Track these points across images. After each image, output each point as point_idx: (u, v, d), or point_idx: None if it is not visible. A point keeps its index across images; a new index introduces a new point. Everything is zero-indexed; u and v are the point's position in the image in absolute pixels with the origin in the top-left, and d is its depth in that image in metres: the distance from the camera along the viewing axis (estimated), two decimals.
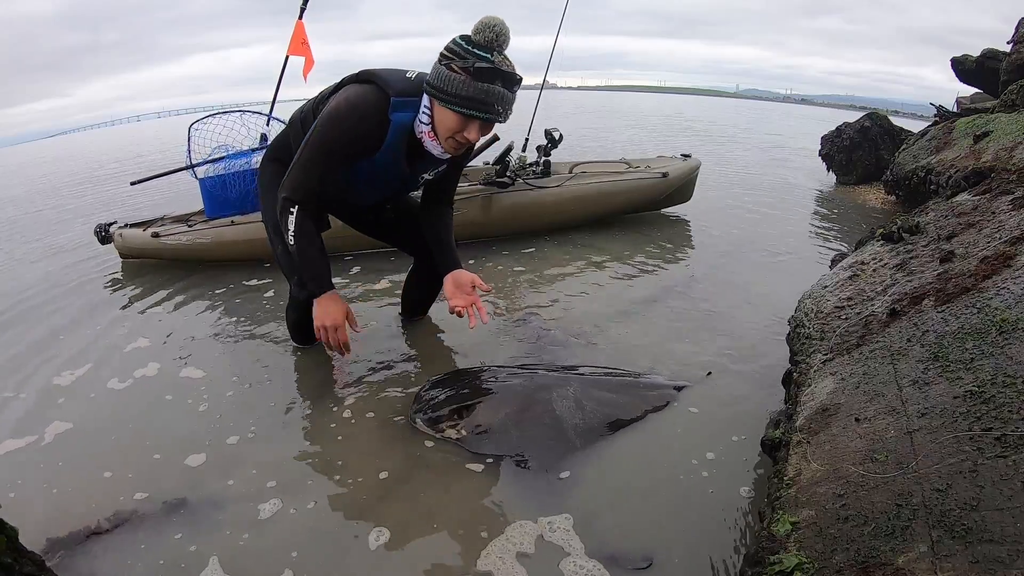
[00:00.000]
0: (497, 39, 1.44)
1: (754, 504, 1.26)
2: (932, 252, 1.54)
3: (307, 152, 1.55)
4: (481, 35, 1.44)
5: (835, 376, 1.22)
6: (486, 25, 1.43)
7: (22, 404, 1.75)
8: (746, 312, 2.31)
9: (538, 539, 1.19)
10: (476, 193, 3.18)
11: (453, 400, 1.58)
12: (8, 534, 0.85)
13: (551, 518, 1.23)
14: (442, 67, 1.46)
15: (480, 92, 1.43)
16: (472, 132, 1.51)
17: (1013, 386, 0.89)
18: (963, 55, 5.41)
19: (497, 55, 1.45)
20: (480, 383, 1.67)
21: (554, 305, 2.40)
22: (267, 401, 1.73)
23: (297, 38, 3.47)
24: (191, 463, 1.45)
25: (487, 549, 1.16)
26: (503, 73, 1.44)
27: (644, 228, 3.61)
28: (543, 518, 1.24)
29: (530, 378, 1.68)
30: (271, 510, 1.28)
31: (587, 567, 1.11)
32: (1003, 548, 0.67)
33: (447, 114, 1.48)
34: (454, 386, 1.65)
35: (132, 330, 2.26)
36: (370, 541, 1.19)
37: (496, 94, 1.45)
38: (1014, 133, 2.84)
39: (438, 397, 1.61)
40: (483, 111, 1.46)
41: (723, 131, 11.81)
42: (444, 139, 1.54)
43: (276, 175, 1.70)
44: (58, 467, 1.45)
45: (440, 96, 1.47)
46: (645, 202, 3.70)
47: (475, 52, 1.43)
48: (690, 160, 3.89)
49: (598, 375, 1.76)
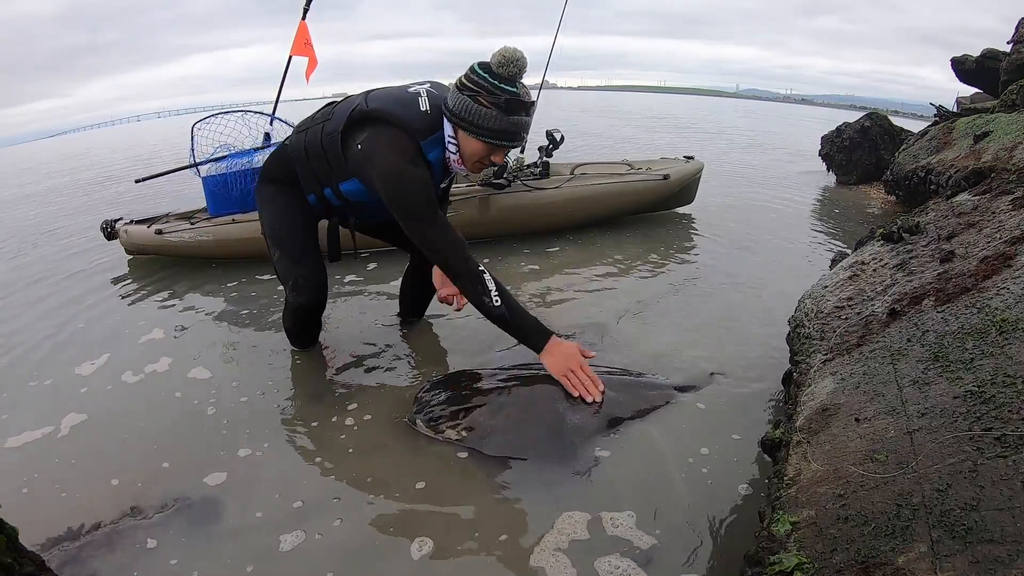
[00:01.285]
0: (520, 73, 1.53)
1: (754, 504, 1.26)
2: (932, 252, 1.54)
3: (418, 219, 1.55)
4: (504, 69, 1.50)
5: (835, 376, 1.22)
6: (508, 59, 1.49)
7: (40, 394, 1.83)
8: (748, 312, 2.31)
9: (540, 541, 1.19)
10: (473, 194, 3.19)
11: (454, 401, 1.58)
12: (8, 534, 0.85)
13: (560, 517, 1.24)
14: (467, 99, 1.52)
15: (511, 125, 1.53)
16: (499, 156, 1.62)
17: (1013, 386, 0.89)
18: (963, 55, 5.41)
19: (521, 87, 1.54)
20: (481, 383, 1.66)
21: (556, 305, 2.41)
22: (272, 405, 1.72)
23: (300, 38, 3.47)
24: (204, 477, 1.42)
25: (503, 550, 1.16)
26: (526, 104, 1.54)
27: (645, 228, 3.60)
28: (549, 519, 1.24)
29: (532, 378, 1.67)
30: (293, 541, 1.20)
31: (621, 566, 1.11)
32: (1003, 548, 0.67)
33: (474, 143, 1.57)
34: (455, 387, 1.64)
35: (148, 322, 2.36)
36: (412, 552, 1.17)
37: (523, 124, 1.56)
38: (1014, 133, 2.84)
39: (438, 398, 1.60)
40: (513, 140, 1.57)
41: (723, 131, 11.80)
42: (471, 163, 1.63)
43: (272, 198, 1.81)
44: (69, 466, 1.47)
45: (471, 130, 1.54)
46: (646, 204, 3.67)
47: (503, 88, 1.51)
48: (693, 162, 3.86)
49: (601, 375, 1.75)
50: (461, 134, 1.57)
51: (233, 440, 1.55)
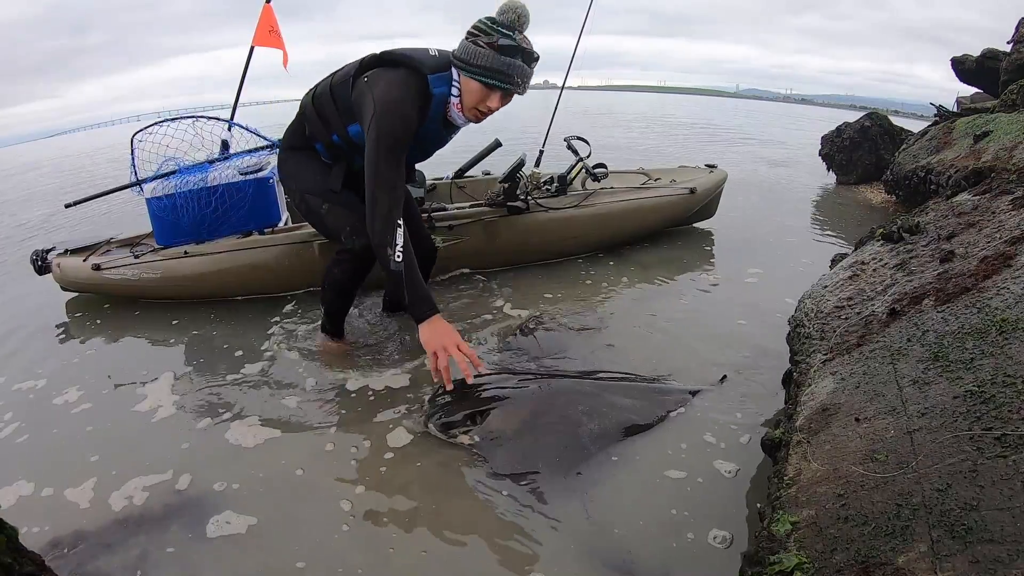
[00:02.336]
0: (519, 20, 1.61)
1: (754, 504, 1.26)
2: (932, 252, 1.53)
3: (380, 151, 1.58)
4: (504, 16, 1.61)
5: (835, 376, 1.22)
6: (509, 7, 1.60)
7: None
8: (748, 313, 2.31)
9: (547, 542, 1.19)
10: (481, 216, 2.69)
11: (466, 405, 1.57)
12: (8, 534, 0.85)
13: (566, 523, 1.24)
14: (469, 42, 1.62)
15: (503, 64, 1.60)
16: (495, 101, 1.67)
17: (1013, 386, 0.89)
18: (963, 55, 5.41)
19: (518, 34, 1.61)
20: (494, 388, 1.65)
21: (567, 311, 2.39)
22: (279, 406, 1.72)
23: (264, 25, 2.90)
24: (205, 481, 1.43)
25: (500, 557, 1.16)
26: (523, 50, 1.61)
27: (642, 236, 3.55)
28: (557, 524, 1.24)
29: (544, 383, 1.67)
30: (298, 541, 1.23)
31: (622, 566, 1.12)
32: (1003, 548, 0.67)
33: (472, 84, 1.64)
34: (467, 391, 1.63)
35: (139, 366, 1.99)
36: (414, 553, 1.17)
37: (516, 67, 1.61)
38: (1014, 133, 2.84)
39: (450, 402, 1.60)
40: (505, 81, 1.62)
41: (723, 130, 11.80)
42: (468, 108, 1.69)
43: (301, 162, 1.88)
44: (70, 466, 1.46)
45: (467, 68, 1.62)
46: (670, 221, 3.29)
47: (499, 29, 1.60)
48: (716, 171, 3.48)
49: (612, 380, 1.75)
50: (462, 77, 1.65)
51: (235, 440, 1.56)
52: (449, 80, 1.67)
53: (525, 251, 2.86)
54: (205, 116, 2.56)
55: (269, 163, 2.50)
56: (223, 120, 2.63)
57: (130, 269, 2.41)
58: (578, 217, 2.91)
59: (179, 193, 2.35)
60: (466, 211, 2.69)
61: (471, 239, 2.66)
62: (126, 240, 2.66)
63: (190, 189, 2.35)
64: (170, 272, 2.42)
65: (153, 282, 2.42)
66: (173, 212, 2.37)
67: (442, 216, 2.63)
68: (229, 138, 2.61)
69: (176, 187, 2.36)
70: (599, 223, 2.98)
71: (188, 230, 2.41)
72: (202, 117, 2.55)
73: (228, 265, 2.42)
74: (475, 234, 2.68)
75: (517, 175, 2.72)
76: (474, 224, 2.67)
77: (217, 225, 2.42)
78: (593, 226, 2.97)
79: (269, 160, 2.52)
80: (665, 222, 3.27)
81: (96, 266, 2.40)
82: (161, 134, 2.45)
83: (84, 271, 2.42)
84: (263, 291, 2.52)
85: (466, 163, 3.14)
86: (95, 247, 2.58)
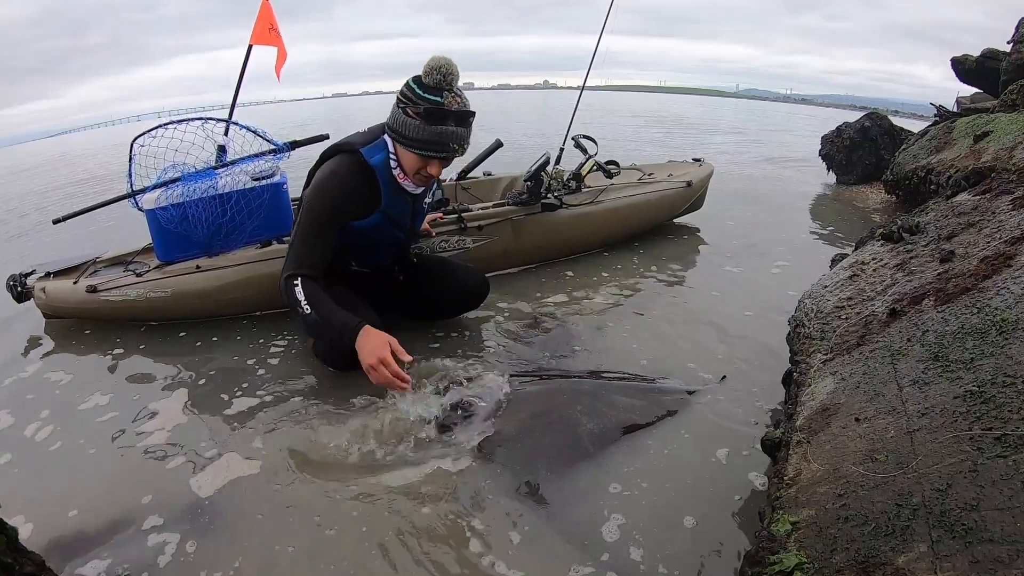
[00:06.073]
0: (445, 80, 1.54)
1: (754, 504, 1.26)
2: (932, 252, 1.53)
3: (303, 227, 1.63)
4: (430, 78, 1.54)
5: (835, 376, 1.22)
6: (433, 68, 1.53)
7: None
8: (748, 312, 2.31)
9: (546, 542, 1.19)
10: (510, 215, 2.66)
11: (465, 406, 1.57)
12: (8, 534, 0.85)
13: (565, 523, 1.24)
14: (400, 111, 1.59)
15: (434, 135, 1.56)
16: (434, 168, 1.66)
17: (1013, 386, 0.89)
18: (963, 55, 5.40)
19: (447, 95, 1.55)
20: (493, 389, 1.65)
21: (566, 311, 2.39)
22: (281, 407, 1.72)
23: (263, 23, 2.75)
24: (207, 482, 1.44)
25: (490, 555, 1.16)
26: (454, 113, 1.56)
27: (646, 230, 3.58)
28: (556, 524, 1.23)
29: (543, 384, 1.67)
30: (301, 544, 1.24)
31: (623, 566, 1.12)
32: (1003, 548, 0.67)
33: (408, 155, 1.64)
34: (466, 392, 1.63)
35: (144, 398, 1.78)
36: (416, 555, 1.17)
37: (449, 134, 1.57)
38: (1014, 133, 2.84)
39: (449, 403, 1.59)
40: (439, 151, 1.60)
41: (722, 131, 11.80)
42: (412, 175, 1.69)
43: None
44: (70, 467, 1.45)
45: (400, 140, 1.62)
46: (671, 214, 3.45)
47: (425, 97, 1.54)
48: (704, 165, 3.67)
49: (612, 381, 1.75)
50: (398, 147, 1.65)
51: (239, 444, 1.56)
52: (384, 147, 1.69)
53: (547, 248, 2.88)
54: (215, 118, 2.34)
55: (279, 168, 2.36)
56: (232, 123, 2.40)
57: (133, 289, 2.15)
58: (595, 213, 2.97)
59: (190, 202, 2.13)
60: (493, 211, 2.64)
61: (500, 239, 2.63)
62: (114, 258, 2.38)
63: (200, 197, 2.14)
64: (182, 289, 2.17)
65: (161, 302, 2.17)
66: (184, 224, 2.14)
67: (472, 216, 2.57)
68: (227, 142, 2.38)
69: (183, 195, 2.13)
70: (613, 218, 3.05)
71: (200, 242, 2.20)
72: (211, 119, 2.32)
73: (249, 277, 2.22)
74: (504, 233, 2.65)
75: (542, 173, 2.72)
76: (503, 223, 2.64)
77: (231, 236, 2.23)
78: (608, 221, 3.04)
79: (278, 165, 2.37)
80: (667, 215, 3.43)
81: (91, 288, 2.13)
82: (168, 138, 2.19)
83: (77, 294, 2.14)
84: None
85: (469, 164, 3.15)
86: (81, 267, 2.31)
